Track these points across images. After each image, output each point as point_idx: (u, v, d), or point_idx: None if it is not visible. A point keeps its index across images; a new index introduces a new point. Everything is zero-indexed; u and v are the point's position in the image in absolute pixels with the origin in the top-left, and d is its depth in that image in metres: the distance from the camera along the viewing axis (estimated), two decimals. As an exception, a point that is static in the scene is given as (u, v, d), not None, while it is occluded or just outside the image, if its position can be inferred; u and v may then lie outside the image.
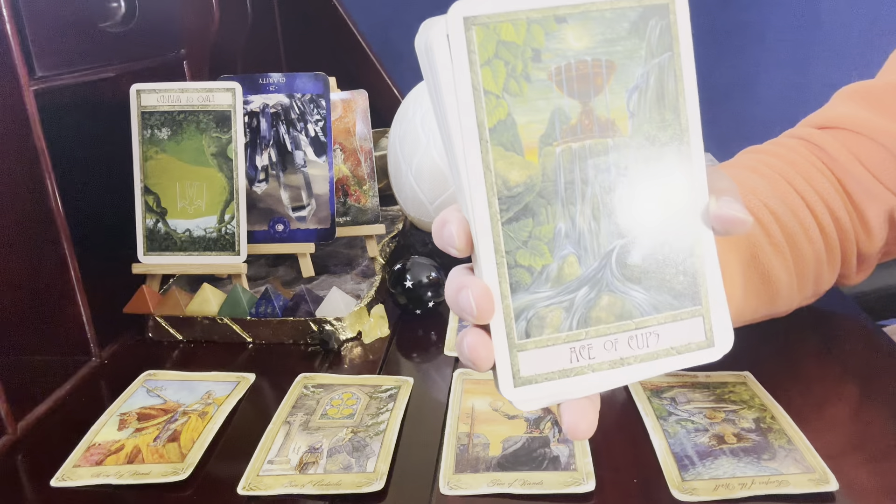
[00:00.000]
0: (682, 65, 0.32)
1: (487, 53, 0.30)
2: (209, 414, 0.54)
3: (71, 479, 0.47)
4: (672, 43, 0.31)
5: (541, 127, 0.31)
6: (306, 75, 0.74)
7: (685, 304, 0.33)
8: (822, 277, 0.54)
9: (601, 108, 0.31)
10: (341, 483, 0.45)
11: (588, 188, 0.31)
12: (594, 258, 0.32)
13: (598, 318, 0.32)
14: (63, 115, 0.62)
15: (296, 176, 0.75)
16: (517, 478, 0.44)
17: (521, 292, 0.31)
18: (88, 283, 0.62)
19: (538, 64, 0.30)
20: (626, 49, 0.31)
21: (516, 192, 0.31)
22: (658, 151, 0.32)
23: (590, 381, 0.32)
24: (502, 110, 0.30)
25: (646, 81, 0.32)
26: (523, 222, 0.31)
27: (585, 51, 0.31)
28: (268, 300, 0.66)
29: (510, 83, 0.30)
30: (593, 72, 0.31)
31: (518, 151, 0.31)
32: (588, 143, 0.31)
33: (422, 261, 0.69)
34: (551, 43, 0.30)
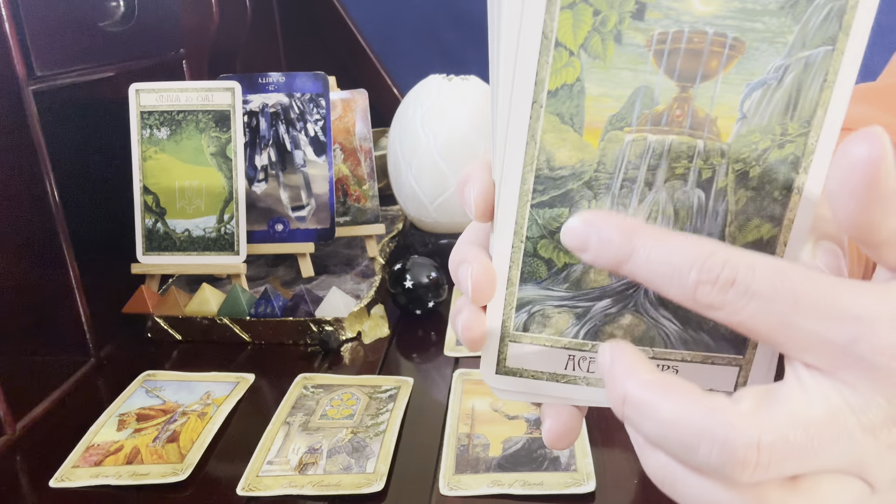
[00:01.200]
0: (843, 68, 0.24)
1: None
2: (208, 414, 0.53)
3: (70, 479, 0.47)
4: (838, 35, 0.23)
5: (616, 104, 0.25)
6: (306, 75, 0.74)
7: (724, 349, 0.27)
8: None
9: (704, 98, 0.24)
10: (341, 484, 0.45)
11: (651, 192, 0.25)
12: None
13: (612, 335, 0.28)
14: (62, 114, 0.62)
15: (295, 176, 0.75)
16: (517, 478, 0.44)
17: (531, 284, 0.27)
18: (87, 283, 0.61)
19: (638, 22, 0.23)
20: (767, 28, 0.23)
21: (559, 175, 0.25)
22: (761, 172, 0.25)
23: (580, 393, 0.28)
24: (572, 72, 0.24)
25: (778, 78, 0.24)
26: (558, 210, 0.26)
27: (710, 18, 0.23)
28: (267, 300, 0.66)
29: (593, 39, 0.24)
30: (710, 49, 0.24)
31: (577, 128, 0.25)
32: (671, 138, 0.25)
33: (422, 261, 0.69)
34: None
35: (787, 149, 0.24)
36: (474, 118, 0.76)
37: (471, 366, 0.59)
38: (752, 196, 0.25)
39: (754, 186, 0.25)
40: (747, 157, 0.25)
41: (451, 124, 0.76)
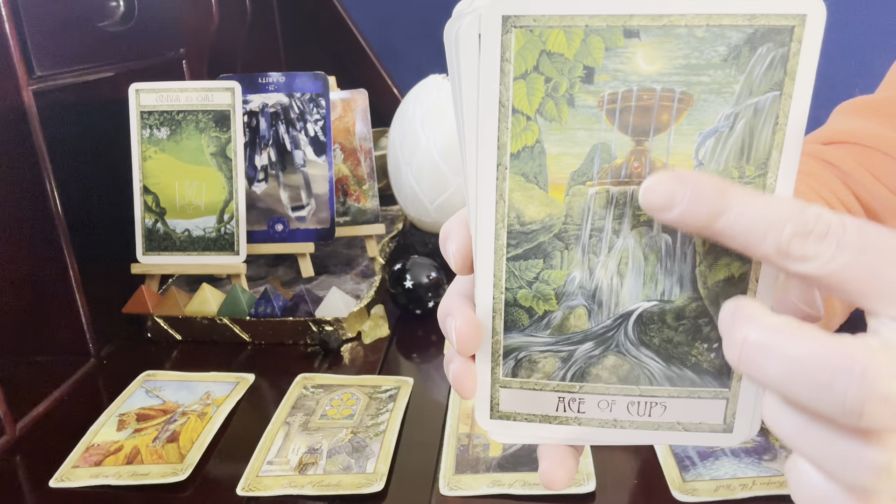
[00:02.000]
0: (792, 110, 0.25)
1: (526, 65, 0.25)
2: (208, 414, 0.53)
3: (70, 479, 0.47)
4: (783, 81, 0.24)
5: (576, 161, 0.26)
6: (306, 75, 0.74)
7: (709, 383, 0.28)
8: None
9: (660, 150, 0.25)
10: (341, 484, 0.45)
11: (619, 240, 0.27)
12: (607, 316, 0.28)
13: (598, 377, 0.29)
14: (62, 114, 0.62)
15: (295, 176, 0.75)
16: (517, 478, 0.44)
17: (514, 332, 0.28)
18: (87, 283, 0.61)
19: (588, 85, 0.25)
20: (713, 80, 0.25)
21: (530, 229, 0.27)
22: None
23: (574, 433, 0.29)
24: (531, 135, 0.26)
25: (730, 125, 0.25)
26: (532, 262, 0.27)
27: (656, 76, 0.25)
28: (267, 300, 0.66)
29: (547, 105, 0.25)
30: (660, 104, 0.25)
31: (542, 185, 0.26)
32: (633, 188, 0.26)
33: (422, 261, 0.69)
34: (611, 62, 0.25)
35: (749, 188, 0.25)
36: (474, 118, 0.76)
37: (471, 366, 0.59)
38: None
39: None
40: None
41: (451, 124, 0.76)
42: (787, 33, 0.24)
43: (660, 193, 0.24)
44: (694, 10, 0.24)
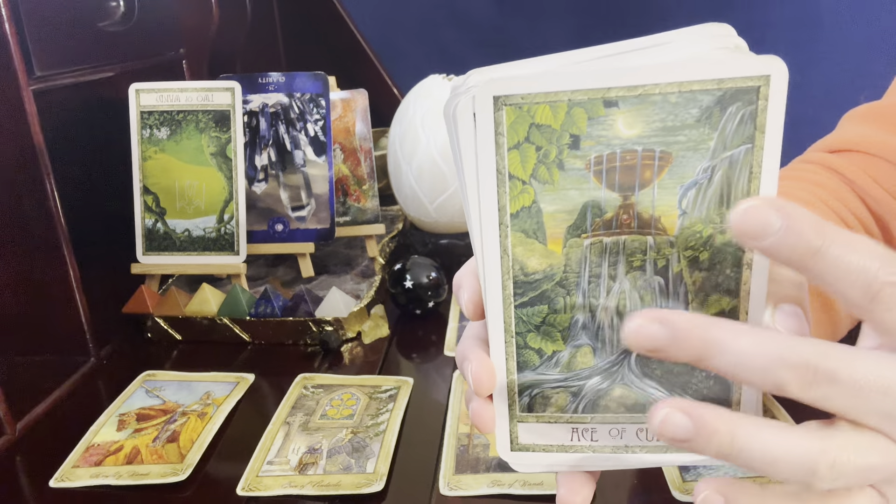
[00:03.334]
0: (765, 159, 0.27)
1: (517, 137, 0.28)
2: (208, 414, 0.53)
3: (70, 479, 0.47)
4: (754, 134, 0.27)
5: (570, 217, 0.29)
6: (306, 75, 0.74)
7: None
8: None
9: (645, 203, 0.28)
10: (341, 484, 0.45)
11: (616, 283, 0.29)
12: (611, 352, 0.30)
13: (607, 407, 0.31)
14: (62, 114, 0.62)
15: (295, 176, 0.75)
16: (517, 478, 0.44)
17: (527, 371, 0.31)
18: (87, 284, 0.61)
19: (576, 151, 0.28)
20: (689, 139, 0.27)
21: (533, 279, 0.30)
22: (710, 255, 0.29)
23: (589, 460, 0.31)
24: (528, 197, 0.29)
25: (708, 177, 0.28)
26: (538, 308, 0.30)
27: (636, 139, 0.27)
28: (267, 300, 0.66)
29: (540, 170, 0.28)
30: (642, 163, 0.28)
31: (541, 239, 0.29)
32: (624, 238, 0.29)
33: (422, 261, 0.69)
34: (595, 129, 0.27)
35: (729, 234, 0.28)
36: (474, 118, 0.76)
37: (471, 366, 0.59)
38: (706, 276, 0.29)
39: (706, 267, 0.29)
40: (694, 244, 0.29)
41: (451, 124, 0.76)
42: (754, 93, 0.27)
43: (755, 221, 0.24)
44: (666, 79, 0.26)
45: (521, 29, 1.53)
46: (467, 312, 0.32)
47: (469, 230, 0.30)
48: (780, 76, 0.27)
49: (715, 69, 0.26)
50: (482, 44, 1.55)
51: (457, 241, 0.81)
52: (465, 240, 0.81)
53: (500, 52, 1.56)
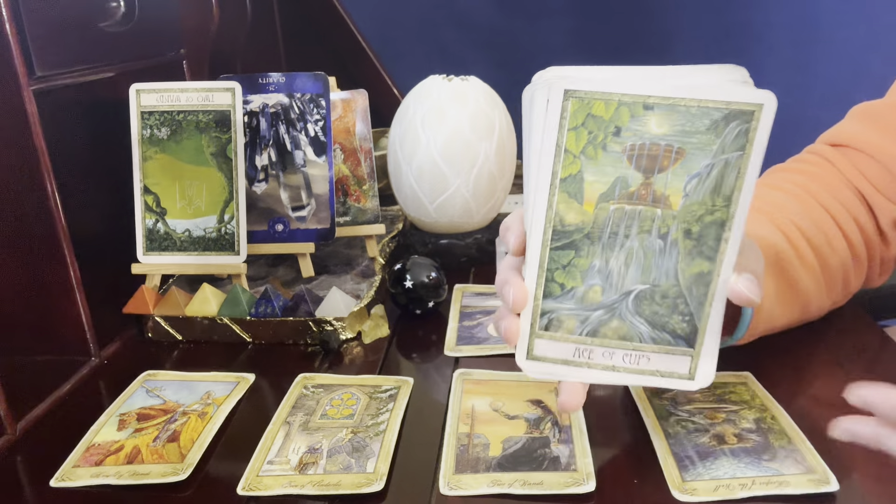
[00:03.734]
0: (749, 165, 0.37)
1: (576, 121, 0.37)
2: (209, 414, 0.53)
3: (70, 479, 0.47)
4: (746, 145, 0.36)
5: (603, 187, 0.38)
6: (306, 75, 0.74)
7: (680, 344, 0.41)
8: (850, 281, 0.59)
9: (660, 184, 0.38)
10: (341, 483, 0.45)
11: (628, 241, 0.39)
12: (615, 293, 0.40)
13: (605, 334, 0.41)
14: (62, 114, 0.62)
15: (295, 176, 0.75)
16: (517, 478, 0.44)
17: (550, 299, 0.41)
18: (88, 283, 0.61)
19: (617, 138, 0.37)
20: (699, 141, 0.37)
21: (568, 230, 0.39)
22: (699, 229, 0.38)
23: (583, 374, 0.42)
24: (576, 167, 0.38)
25: (708, 172, 0.37)
26: (567, 252, 0.40)
27: (661, 136, 0.37)
28: (267, 300, 0.66)
29: (588, 148, 0.37)
30: (663, 154, 0.37)
31: (579, 200, 0.39)
32: (640, 208, 0.38)
33: (422, 261, 0.69)
34: (634, 124, 0.37)
35: (716, 215, 0.38)
36: (474, 118, 0.77)
37: (471, 366, 0.59)
38: (694, 244, 0.39)
39: (695, 238, 0.38)
40: (690, 219, 0.38)
41: (451, 124, 0.76)
42: (750, 115, 0.36)
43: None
44: (690, 95, 0.36)
45: (521, 29, 1.54)
46: (513, 248, 0.41)
47: (524, 187, 0.39)
48: (770, 106, 0.36)
49: (726, 94, 0.36)
50: (482, 44, 1.55)
51: (457, 241, 0.81)
52: (465, 240, 0.81)
53: (501, 52, 1.56)
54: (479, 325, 0.66)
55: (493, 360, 0.60)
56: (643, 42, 1.49)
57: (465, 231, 0.82)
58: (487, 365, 0.59)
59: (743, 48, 1.46)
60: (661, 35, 1.48)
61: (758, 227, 0.56)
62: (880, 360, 0.58)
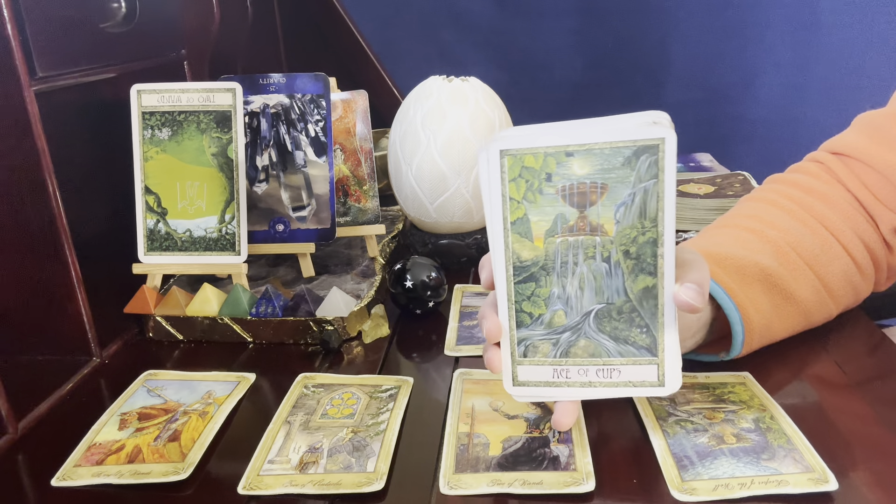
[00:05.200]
0: (666, 189, 0.42)
1: (514, 173, 0.43)
2: (210, 413, 0.54)
3: (71, 478, 0.47)
4: (658, 172, 0.41)
5: (546, 224, 0.44)
6: (306, 75, 0.74)
7: (644, 354, 0.44)
8: (858, 287, 0.60)
9: (593, 215, 0.43)
10: (341, 483, 0.45)
11: (577, 268, 0.44)
12: (577, 314, 0.45)
13: (576, 354, 0.45)
14: (64, 115, 0.62)
15: (296, 176, 0.75)
16: (517, 478, 0.44)
17: (522, 328, 0.46)
18: (89, 283, 0.62)
19: (549, 183, 0.43)
20: (618, 176, 0.42)
21: (525, 265, 0.45)
22: (636, 249, 0.43)
23: (566, 392, 0.46)
24: (521, 211, 0.44)
25: (632, 199, 0.42)
26: (528, 284, 0.45)
27: (586, 176, 0.43)
28: (268, 300, 0.67)
29: (528, 194, 0.43)
30: (590, 191, 0.43)
31: (529, 238, 0.44)
32: (581, 238, 0.44)
33: (422, 261, 0.69)
34: (561, 169, 0.43)
35: (647, 235, 0.43)
36: (474, 119, 0.77)
37: (471, 365, 0.59)
38: (634, 262, 0.43)
39: (635, 257, 0.43)
40: (626, 241, 0.43)
41: (451, 125, 0.76)
42: (656, 148, 0.41)
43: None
44: (602, 140, 0.42)
45: (521, 29, 1.54)
46: (484, 285, 0.47)
47: (488, 233, 0.45)
48: (671, 139, 0.41)
49: (631, 133, 0.41)
50: (482, 44, 1.55)
51: (457, 241, 0.81)
52: (465, 240, 0.81)
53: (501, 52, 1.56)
54: (479, 325, 0.66)
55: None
56: (643, 42, 1.50)
57: (466, 231, 0.82)
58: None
59: (743, 48, 1.46)
60: (661, 35, 1.48)
61: (746, 245, 0.58)
62: (879, 360, 0.58)
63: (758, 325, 0.54)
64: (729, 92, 1.50)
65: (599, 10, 1.50)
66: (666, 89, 1.53)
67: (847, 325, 0.62)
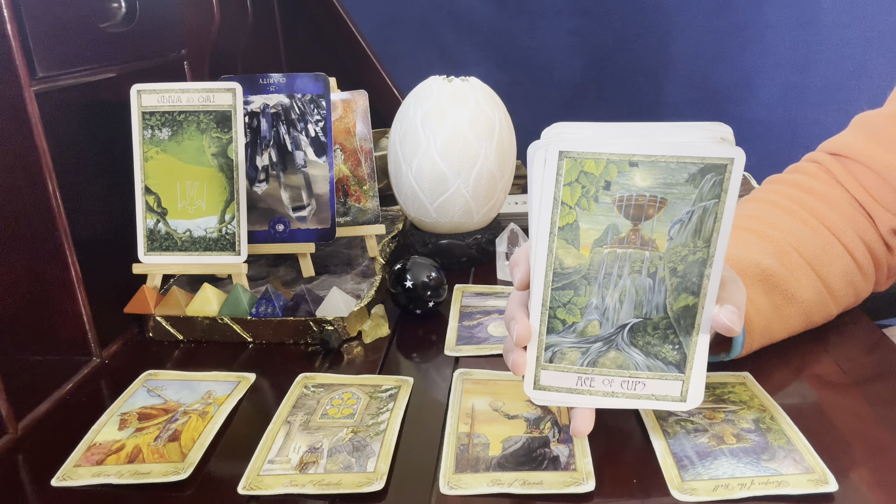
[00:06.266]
0: (725, 210, 0.41)
1: (571, 178, 0.42)
2: (210, 413, 0.54)
3: (71, 478, 0.47)
4: (721, 193, 0.41)
5: (597, 234, 0.42)
6: (306, 75, 0.74)
7: (672, 371, 0.44)
8: (859, 287, 0.60)
9: (647, 230, 0.42)
10: (341, 483, 0.45)
11: (621, 280, 0.43)
12: (612, 326, 0.44)
13: (603, 364, 0.45)
14: (64, 115, 0.62)
15: (296, 176, 0.75)
16: (517, 478, 0.44)
17: (553, 334, 0.45)
18: (89, 283, 0.62)
19: (607, 191, 0.42)
20: (679, 192, 0.41)
21: (567, 272, 0.43)
22: (684, 267, 0.42)
23: (586, 400, 0.45)
24: (572, 217, 0.42)
25: (689, 218, 0.41)
26: (567, 291, 0.44)
27: (646, 188, 0.41)
28: (268, 300, 0.67)
29: (582, 200, 0.42)
30: (648, 204, 0.41)
31: (576, 246, 0.43)
32: (630, 251, 0.43)
33: (422, 261, 0.69)
34: (621, 179, 0.41)
35: (698, 255, 0.42)
36: (474, 119, 0.77)
37: (471, 365, 0.59)
38: (679, 281, 0.43)
39: (680, 275, 0.43)
40: (675, 259, 0.42)
41: (451, 125, 0.76)
42: (723, 168, 0.40)
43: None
44: (669, 153, 0.40)
45: (521, 29, 1.54)
46: (518, 284, 0.45)
47: (529, 233, 0.44)
48: (740, 160, 0.40)
49: (700, 150, 0.40)
50: (482, 44, 1.55)
51: (457, 241, 0.81)
52: (465, 240, 0.81)
53: (501, 52, 1.56)
54: (479, 324, 0.66)
55: (493, 360, 0.60)
56: (642, 42, 1.50)
57: (466, 231, 0.82)
58: (487, 365, 0.59)
59: (743, 48, 1.46)
60: (661, 35, 1.48)
61: (747, 246, 0.58)
62: (878, 360, 0.58)
63: (758, 326, 0.54)
64: (729, 92, 1.50)
65: (599, 10, 1.50)
66: (666, 89, 1.52)
67: (847, 326, 0.62)
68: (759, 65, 1.47)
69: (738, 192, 0.40)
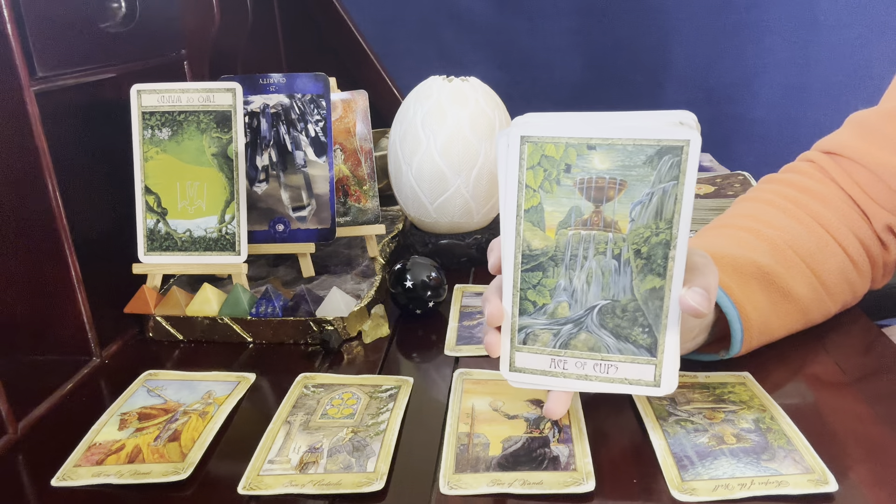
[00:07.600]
0: (684, 191, 0.41)
1: (533, 161, 0.43)
2: (210, 413, 0.54)
3: (71, 478, 0.47)
4: (679, 175, 0.41)
5: (560, 215, 0.44)
6: (306, 75, 0.74)
7: (643, 354, 0.45)
8: (855, 284, 0.61)
9: (609, 211, 0.43)
10: (341, 483, 0.45)
11: (587, 262, 0.44)
12: (581, 308, 0.45)
13: (575, 346, 0.46)
14: (64, 115, 0.62)
15: (296, 176, 0.75)
16: (517, 478, 0.44)
17: (524, 316, 0.46)
18: (89, 283, 0.62)
19: (568, 174, 0.43)
20: (638, 174, 0.42)
21: (535, 254, 0.45)
22: (648, 249, 0.43)
23: (560, 382, 0.46)
24: (536, 199, 0.44)
25: (649, 199, 0.42)
26: (536, 273, 0.45)
27: (605, 171, 0.42)
28: (268, 300, 0.67)
29: (545, 183, 0.43)
30: (608, 186, 0.42)
31: (542, 228, 0.44)
32: (594, 232, 0.43)
33: (422, 261, 0.69)
34: (581, 162, 0.42)
35: (661, 236, 0.42)
36: (474, 119, 0.77)
37: (471, 365, 0.59)
38: (645, 262, 0.43)
39: (645, 257, 0.43)
40: (638, 241, 0.43)
41: (451, 125, 0.76)
42: (680, 150, 0.41)
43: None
44: (626, 136, 0.41)
45: (521, 29, 1.54)
46: (492, 269, 0.47)
47: (500, 218, 0.45)
48: (695, 142, 0.40)
49: (656, 132, 0.41)
50: (482, 44, 1.55)
51: (457, 241, 0.81)
52: (465, 240, 0.81)
53: (501, 52, 1.56)
54: (479, 324, 0.66)
55: (493, 360, 0.59)
56: (643, 42, 1.50)
57: (466, 231, 0.82)
58: (487, 365, 0.59)
59: (743, 48, 1.46)
60: (661, 35, 1.48)
61: (743, 244, 0.58)
62: (878, 360, 0.58)
63: (756, 323, 0.54)
64: (729, 92, 1.50)
65: (599, 10, 1.50)
66: (666, 89, 1.53)
67: (846, 325, 0.62)
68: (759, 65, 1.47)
69: (696, 174, 0.41)
